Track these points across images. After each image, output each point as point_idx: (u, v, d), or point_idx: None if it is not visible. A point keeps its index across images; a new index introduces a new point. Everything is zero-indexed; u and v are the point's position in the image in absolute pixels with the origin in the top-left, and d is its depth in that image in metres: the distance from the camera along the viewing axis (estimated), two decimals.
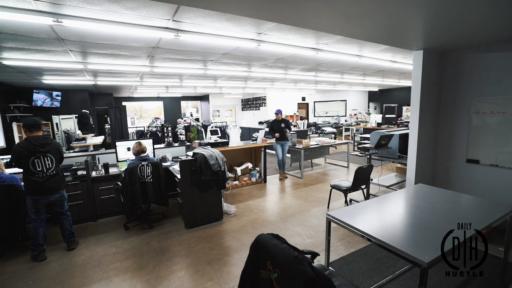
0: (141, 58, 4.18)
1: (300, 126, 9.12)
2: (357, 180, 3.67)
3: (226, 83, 8.12)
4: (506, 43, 2.88)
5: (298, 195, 4.77)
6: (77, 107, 8.09)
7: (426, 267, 1.43)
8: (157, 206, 4.03)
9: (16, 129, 6.34)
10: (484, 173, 3.13)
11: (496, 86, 2.98)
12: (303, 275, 1.05)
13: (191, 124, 8.42)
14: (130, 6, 2.17)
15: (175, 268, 2.65)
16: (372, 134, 4.56)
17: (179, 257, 2.84)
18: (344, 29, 2.54)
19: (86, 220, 3.78)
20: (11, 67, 4.38)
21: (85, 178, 3.69)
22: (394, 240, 1.66)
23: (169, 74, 6.01)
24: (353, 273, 2.47)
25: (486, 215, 2.00)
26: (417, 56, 3.27)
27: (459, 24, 2.38)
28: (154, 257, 2.85)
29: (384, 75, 7.33)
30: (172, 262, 2.75)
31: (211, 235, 3.30)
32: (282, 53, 4.11)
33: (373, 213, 2.21)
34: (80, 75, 5.55)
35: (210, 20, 2.55)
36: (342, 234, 3.19)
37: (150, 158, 3.60)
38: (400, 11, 2.08)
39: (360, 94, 13.03)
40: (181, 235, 3.33)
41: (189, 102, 14.12)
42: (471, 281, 2.30)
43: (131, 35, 2.99)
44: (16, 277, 2.58)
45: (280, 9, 1.99)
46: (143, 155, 3.51)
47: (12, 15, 2.13)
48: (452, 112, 3.38)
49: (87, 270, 2.66)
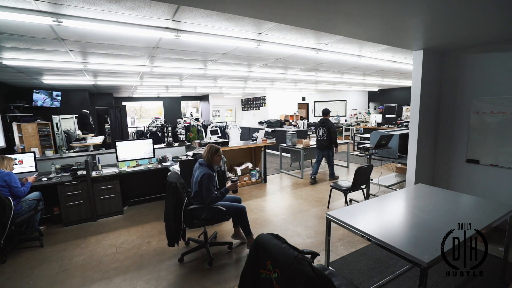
0: (141, 58, 4.18)
1: (300, 126, 9.11)
2: (357, 180, 3.67)
3: (226, 83, 8.12)
4: (506, 43, 2.88)
5: (298, 195, 4.77)
6: (77, 107, 8.09)
7: (426, 267, 1.43)
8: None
9: (16, 129, 6.35)
10: (484, 173, 3.13)
11: (496, 86, 2.98)
12: (303, 275, 1.05)
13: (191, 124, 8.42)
14: (130, 6, 2.17)
15: (175, 268, 2.65)
16: (372, 134, 4.56)
17: (179, 257, 2.84)
18: (344, 29, 2.54)
19: (86, 220, 3.78)
20: (11, 67, 4.37)
21: (85, 178, 3.69)
22: (394, 240, 1.66)
23: (169, 74, 6.00)
24: (353, 273, 2.47)
25: (486, 215, 2.00)
26: (417, 56, 3.27)
27: (459, 24, 2.39)
28: (154, 257, 2.85)
29: (384, 75, 7.32)
30: (172, 262, 2.74)
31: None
32: (282, 53, 4.11)
33: (373, 213, 2.21)
34: (80, 75, 5.55)
35: (210, 20, 2.55)
36: (342, 234, 3.19)
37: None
38: (400, 11, 2.08)
39: (360, 94, 13.02)
40: None
41: (189, 102, 14.12)
42: (471, 281, 2.30)
43: (131, 35, 2.99)
44: (16, 277, 2.58)
45: (280, 9, 1.99)
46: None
47: (12, 15, 2.13)
48: (452, 112, 3.38)
49: (87, 270, 2.66)
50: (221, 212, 2.65)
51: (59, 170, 3.95)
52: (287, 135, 6.31)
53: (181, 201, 2.49)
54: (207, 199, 2.59)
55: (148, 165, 4.32)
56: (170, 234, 2.56)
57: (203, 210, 2.63)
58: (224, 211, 2.65)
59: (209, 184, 2.61)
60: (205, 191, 2.59)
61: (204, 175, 2.61)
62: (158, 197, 4.70)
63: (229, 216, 2.77)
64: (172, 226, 2.50)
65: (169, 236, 2.58)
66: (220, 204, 2.69)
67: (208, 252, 2.76)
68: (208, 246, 2.83)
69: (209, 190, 2.60)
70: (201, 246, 2.87)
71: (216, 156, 2.78)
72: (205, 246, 2.83)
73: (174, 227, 2.49)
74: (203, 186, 2.60)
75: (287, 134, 6.33)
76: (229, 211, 2.73)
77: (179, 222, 2.50)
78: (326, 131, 5.35)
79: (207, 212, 2.64)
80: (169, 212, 2.51)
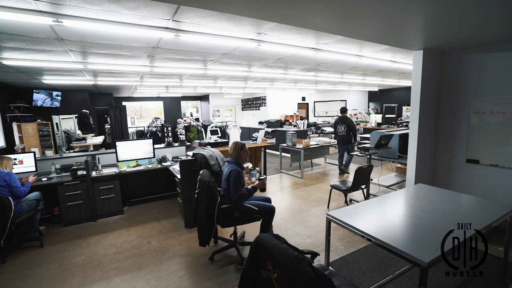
0: (141, 58, 4.18)
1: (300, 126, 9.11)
2: (357, 180, 3.67)
3: (226, 83, 8.11)
4: (506, 43, 2.88)
5: (298, 195, 4.77)
6: (77, 107, 8.09)
7: (426, 267, 1.43)
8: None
9: (16, 129, 6.35)
10: (484, 173, 3.13)
11: (496, 86, 2.98)
12: (303, 275, 1.05)
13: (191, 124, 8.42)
14: (130, 6, 2.17)
15: (175, 268, 2.65)
16: (372, 134, 4.56)
17: (179, 257, 2.84)
18: (344, 29, 2.54)
19: (86, 220, 3.78)
20: (11, 67, 4.38)
21: (85, 178, 3.69)
22: (394, 240, 1.66)
23: (169, 74, 6.00)
24: (353, 273, 2.47)
25: (486, 215, 2.00)
26: (417, 56, 3.27)
27: (459, 24, 2.39)
28: (154, 257, 2.86)
29: (384, 75, 7.32)
30: (172, 262, 2.75)
31: None
32: (282, 53, 4.11)
33: (373, 213, 2.21)
34: (80, 75, 5.55)
35: (210, 20, 2.55)
36: (342, 234, 3.19)
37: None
38: (400, 11, 2.08)
39: (360, 94, 13.02)
40: (181, 235, 3.33)
41: (189, 102, 14.12)
42: (471, 281, 2.30)
43: (131, 35, 2.99)
44: (16, 277, 2.58)
45: (280, 9, 1.99)
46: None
47: (12, 15, 2.13)
48: (452, 112, 3.38)
49: (87, 270, 2.66)
50: (253, 212, 2.64)
51: (59, 170, 3.95)
52: (287, 135, 6.31)
53: (215, 200, 2.46)
54: (234, 195, 2.58)
55: (148, 165, 4.32)
56: (202, 234, 2.52)
57: (235, 209, 2.63)
58: (256, 211, 2.65)
59: (236, 180, 2.60)
60: (232, 188, 2.59)
61: (232, 171, 2.61)
62: (158, 197, 4.70)
63: (260, 216, 2.74)
64: (205, 225, 2.46)
65: (200, 236, 2.54)
66: (252, 203, 2.69)
67: (238, 252, 2.75)
68: (237, 245, 2.82)
69: (236, 187, 2.59)
70: (230, 246, 2.87)
71: (242, 152, 2.77)
72: (235, 245, 2.82)
73: (207, 227, 2.46)
74: (231, 183, 2.59)
75: (287, 134, 6.34)
76: (261, 211, 2.72)
77: (212, 221, 2.47)
78: (346, 127, 5.96)
79: (239, 212, 2.63)
80: (202, 211, 2.47)
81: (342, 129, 6.02)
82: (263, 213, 2.74)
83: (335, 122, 6.27)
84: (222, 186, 2.76)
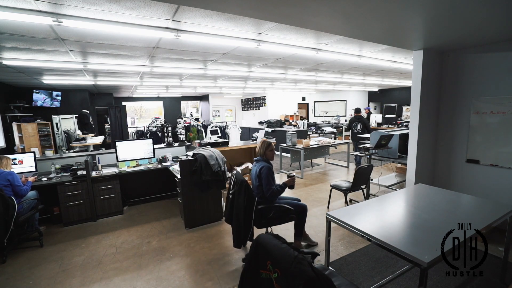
0: (141, 58, 4.18)
1: (300, 126, 9.11)
2: (357, 180, 3.67)
3: (226, 83, 8.11)
4: (506, 43, 2.88)
5: (298, 195, 4.76)
6: (77, 107, 8.09)
7: (426, 267, 1.43)
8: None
9: (16, 129, 6.35)
10: (484, 173, 3.13)
11: (496, 86, 2.98)
12: (303, 275, 1.05)
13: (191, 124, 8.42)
14: (130, 6, 2.17)
15: (175, 268, 2.65)
16: (372, 134, 4.56)
17: (179, 257, 2.84)
18: (344, 29, 2.54)
19: (86, 220, 3.78)
20: (11, 67, 4.38)
21: (85, 178, 3.69)
22: (394, 240, 1.66)
23: (169, 74, 6.00)
24: (353, 273, 2.47)
25: (486, 215, 2.00)
26: (417, 56, 3.27)
27: (459, 24, 2.38)
28: (154, 257, 2.85)
29: (384, 75, 7.33)
30: (172, 262, 2.75)
31: (211, 235, 3.30)
32: (282, 53, 4.11)
33: (373, 213, 2.21)
34: (80, 75, 5.55)
35: (210, 20, 2.55)
36: (342, 234, 3.19)
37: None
38: (400, 11, 2.08)
39: (360, 94, 13.03)
40: (181, 235, 3.33)
41: (189, 102, 14.12)
42: (471, 281, 2.30)
43: (131, 35, 2.99)
44: (16, 277, 2.58)
45: (280, 9, 1.99)
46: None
47: (12, 15, 2.13)
48: (452, 112, 3.38)
49: (87, 270, 2.66)
50: (289, 212, 2.65)
51: (59, 170, 3.95)
52: (287, 135, 6.31)
53: (253, 200, 2.44)
54: (268, 191, 2.60)
55: (148, 165, 4.32)
56: (239, 235, 2.47)
57: (270, 209, 2.64)
58: (292, 211, 2.65)
59: (268, 176, 2.63)
60: (265, 183, 2.61)
61: (263, 168, 2.64)
62: (158, 197, 4.70)
63: (295, 215, 2.75)
64: (242, 226, 2.42)
65: (237, 237, 2.50)
66: (286, 203, 2.70)
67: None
68: None
69: (269, 182, 2.62)
70: None
71: (268, 150, 2.81)
72: None
73: (244, 227, 2.42)
74: (263, 179, 2.61)
75: (287, 134, 6.34)
76: (296, 211, 2.73)
77: (249, 222, 2.43)
78: (362, 125, 6.59)
79: (274, 211, 2.63)
80: (239, 211, 2.43)
81: (358, 127, 6.61)
82: (298, 212, 2.75)
83: (351, 121, 6.87)
84: (253, 185, 2.76)
